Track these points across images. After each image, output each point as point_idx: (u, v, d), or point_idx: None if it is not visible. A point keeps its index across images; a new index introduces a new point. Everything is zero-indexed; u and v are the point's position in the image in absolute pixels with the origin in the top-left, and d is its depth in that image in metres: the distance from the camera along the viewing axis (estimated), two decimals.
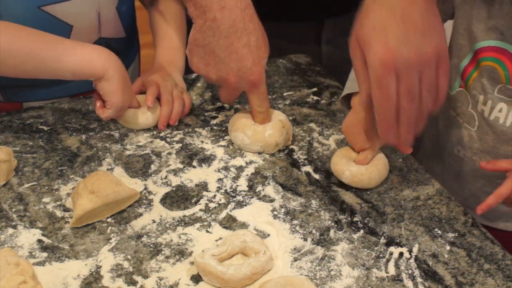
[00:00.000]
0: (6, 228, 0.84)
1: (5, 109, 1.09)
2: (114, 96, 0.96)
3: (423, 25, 0.77)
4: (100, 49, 0.96)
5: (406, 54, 0.75)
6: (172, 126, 1.04)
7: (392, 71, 0.76)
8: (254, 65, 0.92)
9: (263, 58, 0.94)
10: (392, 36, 0.75)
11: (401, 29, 0.76)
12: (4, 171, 0.89)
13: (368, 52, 0.77)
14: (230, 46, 0.91)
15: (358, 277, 0.79)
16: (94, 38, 1.09)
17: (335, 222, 0.87)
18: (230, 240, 0.80)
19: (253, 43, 0.91)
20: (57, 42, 0.94)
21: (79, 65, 0.93)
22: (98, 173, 0.88)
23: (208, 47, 0.92)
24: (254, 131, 0.98)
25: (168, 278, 0.78)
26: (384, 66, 0.75)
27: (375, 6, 0.78)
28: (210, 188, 0.92)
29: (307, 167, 0.97)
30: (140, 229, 0.85)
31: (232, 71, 0.92)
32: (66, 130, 1.02)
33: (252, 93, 0.96)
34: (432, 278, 0.79)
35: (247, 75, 0.92)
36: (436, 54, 0.77)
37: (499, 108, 0.92)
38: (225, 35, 0.90)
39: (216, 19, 0.90)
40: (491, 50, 0.91)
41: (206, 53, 0.93)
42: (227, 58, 0.91)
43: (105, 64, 0.94)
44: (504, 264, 0.82)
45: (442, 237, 0.85)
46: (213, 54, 0.92)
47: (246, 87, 0.95)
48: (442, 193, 0.93)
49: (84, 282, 0.77)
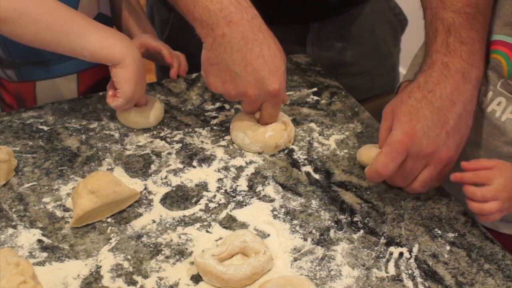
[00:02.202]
0: (6, 228, 0.84)
1: (18, 91, 1.11)
2: (127, 84, 0.96)
3: (452, 126, 0.85)
4: (122, 36, 0.96)
5: (423, 146, 0.84)
6: (172, 126, 1.04)
7: (404, 152, 0.84)
8: (271, 74, 0.91)
9: (279, 67, 0.93)
10: (422, 125, 0.84)
11: (433, 121, 0.84)
12: (4, 171, 0.89)
13: (396, 124, 0.86)
14: (244, 59, 0.90)
15: (358, 277, 0.79)
16: (95, 12, 1.10)
17: (335, 222, 0.87)
18: (230, 240, 0.80)
19: (266, 52, 0.91)
20: (82, 18, 0.94)
21: (100, 45, 0.93)
22: (98, 173, 0.88)
23: (222, 64, 0.91)
24: (254, 131, 0.98)
25: (168, 278, 0.78)
26: (400, 143, 0.84)
27: (418, 94, 0.86)
28: (210, 188, 0.92)
29: (307, 167, 0.97)
30: (140, 229, 0.85)
31: (250, 84, 0.92)
32: (66, 130, 1.02)
33: (269, 102, 0.95)
34: (432, 278, 0.79)
35: (265, 85, 0.92)
36: (448, 159, 0.86)
37: (498, 101, 0.92)
38: (237, 49, 0.90)
39: (225, 34, 0.90)
40: (501, 44, 0.91)
41: (221, 70, 0.92)
42: (243, 71, 0.91)
43: (125, 51, 0.94)
44: (504, 264, 0.82)
45: (442, 237, 0.85)
46: (228, 70, 0.91)
47: (266, 97, 0.94)
48: (442, 193, 0.93)
49: (84, 282, 0.77)
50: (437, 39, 0.89)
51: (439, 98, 0.85)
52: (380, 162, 0.85)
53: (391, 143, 0.85)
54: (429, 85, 0.86)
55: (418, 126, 0.84)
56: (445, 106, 0.85)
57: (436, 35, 0.90)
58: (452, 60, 0.87)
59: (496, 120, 0.92)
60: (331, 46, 1.30)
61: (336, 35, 1.30)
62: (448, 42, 0.88)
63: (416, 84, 0.88)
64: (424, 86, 0.86)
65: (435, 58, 0.88)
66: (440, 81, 0.86)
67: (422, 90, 0.86)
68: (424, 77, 0.87)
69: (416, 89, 0.87)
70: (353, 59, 1.33)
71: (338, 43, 1.31)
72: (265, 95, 0.93)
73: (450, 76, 0.86)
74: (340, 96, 1.14)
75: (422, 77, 0.88)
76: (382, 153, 0.85)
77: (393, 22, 1.39)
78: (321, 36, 1.29)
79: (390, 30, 1.39)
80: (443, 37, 0.89)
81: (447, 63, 0.87)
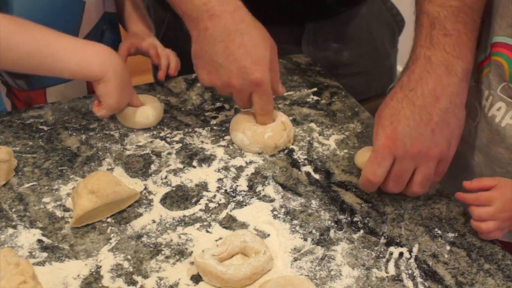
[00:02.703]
0: (6, 228, 0.84)
1: (29, 98, 1.12)
2: (109, 98, 0.96)
3: (437, 122, 0.83)
4: (101, 50, 0.95)
5: (408, 146, 0.83)
6: (172, 126, 1.04)
7: (390, 155, 0.84)
8: (253, 63, 0.92)
9: (263, 56, 0.93)
10: (403, 125, 0.83)
11: (416, 120, 0.83)
12: (4, 171, 0.89)
13: (378, 129, 0.86)
14: (225, 50, 0.91)
15: (358, 277, 0.79)
16: (100, 12, 1.11)
17: (335, 222, 0.87)
18: (230, 240, 0.80)
19: (248, 42, 0.91)
20: (58, 38, 0.94)
21: (78, 65, 0.93)
22: (98, 173, 0.88)
23: (206, 56, 0.93)
24: (254, 132, 0.98)
25: (168, 278, 0.78)
26: (384, 147, 0.84)
27: (400, 94, 0.86)
28: (210, 188, 0.92)
29: (307, 167, 0.97)
30: (140, 229, 0.85)
31: (233, 74, 0.92)
32: (66, 130, 1.02)
33: (256, 93, 0.95)
34: (432, 278, 0.79)
35: (247, 74, 0.92)
36: (439, 155, 0.85)
37: (498, 106, 0.91)
38: (219, 40, 0.91)
39: (207, 28, 0.91)
40: (503, 46, 0.90)
41: (206, 62, 0.94)
42: (225, 62, 0.92)
43: (104, 66, 0.94)
44: (504, 264, 0.82)
45: (442, 237, 0.85)
46: (212, 61, 0.93)
47: (250, 87, 0.94)
48: (442, 193, 0.93)
49: (84, 282, 0.77)
50: (421, 33, 0.89)
51: (421, 95, 0.84)
52: (369, 170, 0.85)
53: (375, 149, 0.85)
54: (411, 83, 0.85)
55: (399, 127, 0.83)
56: (427, 103, 0.84)
57: (421, 29, 0.89)
58: (434, 53, 0.86)
59: (496, 125, 0.91)
60: (328, 46, 1.30)
61: (333, 35, 1.30)
62: (431, 35, 0.87)
63: (399, 84, 0.87)
64: (406, 85, 0.86)
65: (418, 52, 0.87)
66: (422, 77, 0.85)
67: (404, 90, 0.86)
68: (407, 75, 0.87)
69: (399, 90, 0.86)
70: (350, 60, 1.33)
71: (334, 43, 1.31)
72: (249, 84, 0.93)
73: (433, 70, 0.85)
74: (340, 96, 1.14)
75: (405, 76, 0.87)
76: (368, 161, 0.86)
77: (391, 23, 1.39)
78: (317, 36, 1.29)
79: (387, 31, 1.39)
80: (427, 30, 0.88)
81: (430, 57, 0.86)
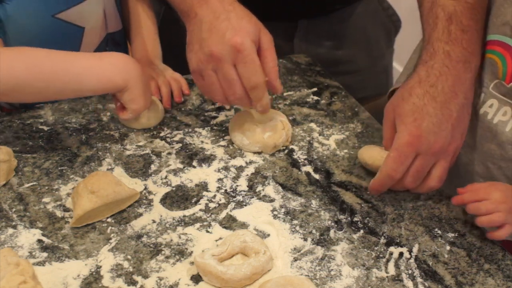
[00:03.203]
0: (6, 228, 0.84)
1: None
2: (135, 103, 0.96)
3: (456, 118, 0.85)
4: (116, 60, 0.94)
5: (431, 143, 0.84)
6: (172, 126, 1.04)
7: (413, 153, 0.84)
8: (235, 30, 0.88)
9: (244, 27, 0.89)
10: (427, 123, 0.83)
11: (438, 117, 0.84)
12: (4, 171, 0.89)
13: (400, 126, 0.85)
14: (210, 26, 0.90)
15: (358, 277, 0.79)
16: (103, 35, 1.11)
17: (335, 222, 0.87)
18: (230, 240, 0.80)
19: (233, 18, 0.89)
20: (75, 60, 0.93)
21: (99, 82, 0.93)
22: (98, 173, 0.88)
23: (195, 38, 0.92)
24: (253, 132, 0.98)
25: (168, 278, 0.78)
26: (408, 145, 0.83)
27: (420, 90, 0.85)
28: (210, 188, 0.92)
29: (307, 167, 0.97)
30: (140, 229, 0.85)
31: (213, 42, 0.89)
32: (66, 130, 1.02)
33: (239, 63, 0.89)
34: (432, 278, 0.79)
35: (227, 39, 0.88)
36: (456, 150, 0.87)
37: (490, 103, 0.91)
38: (206, 21, 0.90)
39: (197, 14, 0.91)
40: (497, 44, 0.91)
41: (194, 43, 0.92)
42: (207, 34, 0.90)
43: (125, 75, 0.93)
44: (504, 264, 0.82)
45: (442, 237, 0.85)
46: (198, 39, 0.91)
47: (230, 54, 0.89)
48: (442, 193, 0.93)
49: (84, 282, 0.77)
50: (437, 26, 0.89)
51: (442, 91, 0.85)
52: (390, 167, 0.84)
53: (398, 146, 0.84)
54: (431, 79, 0.86)
55: (423, 125, 0.83)
56: (447, 99, 0.85)
57: (437, 22, 0.90)
58: (453, 48, 0.87)
59: (489, 122, 0.92)
60: (320, 44, 1.30)
61: (326, 33, 1.30)
62: (449, 30, 0.88)
63: (417, 78, 0.87)
64: (426, 80, 0.86)
65: (436, 46, 0.88)
66: (442, 73, 0.86)
67: (423, 85, 0.85)
68: (425, 69, 0.87)
69: (417, 85, 0.86)
70: (343, 58, 1.33)
71: (327, 41, 1.31)
72: (229, 50, 0.88)
73: (452, 66, 0.86)
74: (340, 96, 1.14)
75: (423, 70, 0.87)
76: (390, 158, 0.84)
77: (386, 23, 1.39)
78: (310, 34, 1.28)
79: (383, 31, 1.39)
80: (444, 24, 0.89)
81: (449, 52, 0.87)
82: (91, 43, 1.10)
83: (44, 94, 0.93)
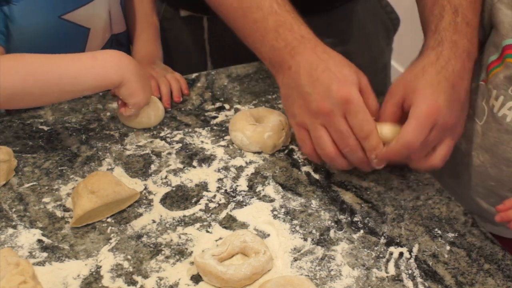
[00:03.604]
0: (6, 228, 0.84)
1: None
2: (134, 97, 0.96)
3: (463, 102, 0.88)
4: (109, 57, 0.95)
5: (447, 117, 0.85)
6: (172, 126, 1.04)
7: (432, 124, 0.84)
8: (340, 82, 0.87)
9: (348, 75, 0.88)
10: (444, 98, 0.85)
11: (451, 96, 0.85)
12: (4, 171, 0.89)
13: (417, 99, 0.85)
14: (310, 78, 0.88)
15: (358, 277, 0.79)
16: (107, 36, 1.12)
17: (335, 222, 0.87)
18: (230, 240, 0.80)
19: (332, 66, 0.88)
20: (69, 62, 0.93)
21: (95, 81, 0.93)
22: (98, 173, 0.88)
23: (295, 92, 0.90)
24: (253, 131, 0.98)
25: (168, 278, 0.78)
26: (428, 116, 0.84)
27: (432, 69, 0.87)
28: (210, 188, 0.92)
29: (307, 167, 0.97)
30: (140, 229, 0.85)
31: (320, 97, 0.87)
32: (66, 130, 1.02)
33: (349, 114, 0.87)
34: (432, 278, 0.79)
35: (334, 92, 0.86)
36: (460, 134, 0.90)
37: (509, 106, 0.92)
38: (303, 73, 0.88)
39: (291, 66, 0.90)
40: None
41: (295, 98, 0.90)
42: (311, 87, 0.88)
43: (120, 71, 0.94)
44: (504, 264, 0.82)
45: (442, 237, 0.85)
46: (301, 94, 0.89)
47: (340, 107, 0.86)
48: (442, 193, 0.93)
49: (84, 282, 0.77)
50: (444, 18, 0.91)
51: (452, 73, 0.86)
52: (410, 136, 0.83)
53: (417, 116, 0.84)
54: (441, 61, 0.87)
55: (441, 98, 0.84)
56: (457, 82, 0.87)
57: (443, 14, 0.92)
58: (460, 39, 0.89)
59: (507, 125, 0.92)
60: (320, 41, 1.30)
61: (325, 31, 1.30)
62: (456, 22, 0.91)
63: (428, 60, 0.88)
64: (437, 63, 0.87)
65: (444, 35, 0.90)
66: (450, 58, 0.87)
67: (436, 66, 0.87)
68: (435, 53, 0.88)
69: (430, 65, 0.87)
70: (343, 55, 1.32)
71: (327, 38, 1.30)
72: (339, 103, 0.86)
73: (458, 54, 0.88)
74: None
75: (432, 53, 0.88)
76: (410, 127, 0.83)
77: (385, 21, 1.39)
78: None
79: (382, 29, 1.39)
80: (451, 16, 0.91)
81: (456, 41, 0.89)
82: (96, 44, 1.10)
83: (42, 100, 0.95)
